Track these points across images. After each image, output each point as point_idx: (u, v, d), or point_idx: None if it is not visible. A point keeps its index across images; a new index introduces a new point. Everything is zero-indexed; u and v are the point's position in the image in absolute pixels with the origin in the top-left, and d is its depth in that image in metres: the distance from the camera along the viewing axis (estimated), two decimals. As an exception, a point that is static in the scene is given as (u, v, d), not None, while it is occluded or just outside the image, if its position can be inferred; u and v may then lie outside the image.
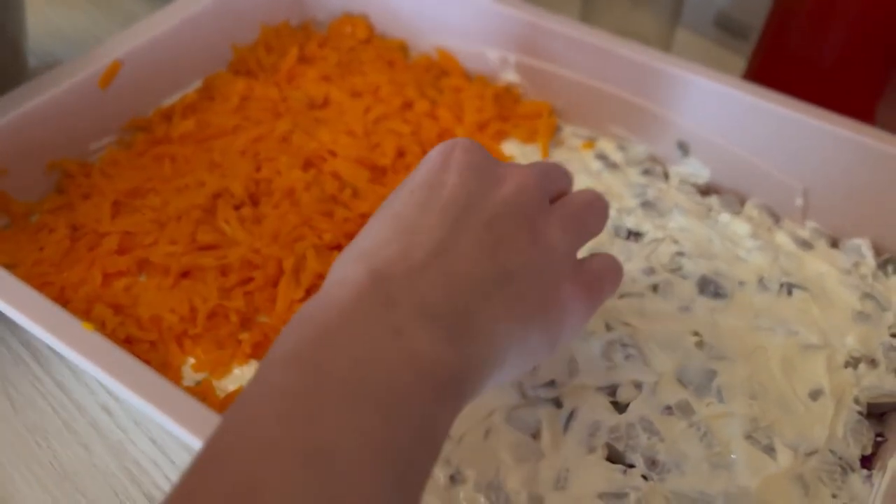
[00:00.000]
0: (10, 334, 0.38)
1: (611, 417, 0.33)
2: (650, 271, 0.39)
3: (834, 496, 0.31)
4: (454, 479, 0.31)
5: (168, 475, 0.33)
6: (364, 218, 0.39)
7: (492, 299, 0.25)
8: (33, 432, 0.35)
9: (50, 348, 0.38)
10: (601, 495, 0.30)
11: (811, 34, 0.43)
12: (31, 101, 0.39)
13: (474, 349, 0.24)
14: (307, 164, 0.42)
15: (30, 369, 0.37)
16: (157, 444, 0.34)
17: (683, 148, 0.44)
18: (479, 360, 0.24)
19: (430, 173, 0.27)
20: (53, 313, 0.30)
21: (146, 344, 0.35)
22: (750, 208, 0.42)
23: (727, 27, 0.55)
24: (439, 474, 0.31)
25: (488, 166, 0.28)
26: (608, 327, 0.36)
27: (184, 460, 0.34)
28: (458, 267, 0.24)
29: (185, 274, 0.37)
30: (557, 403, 0.34)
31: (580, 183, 0.43)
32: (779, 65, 0.46)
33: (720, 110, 0.42)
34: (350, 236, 0.38)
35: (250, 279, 0.37)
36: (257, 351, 0.35)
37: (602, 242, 0.40)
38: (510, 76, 0.48)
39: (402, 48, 0.51)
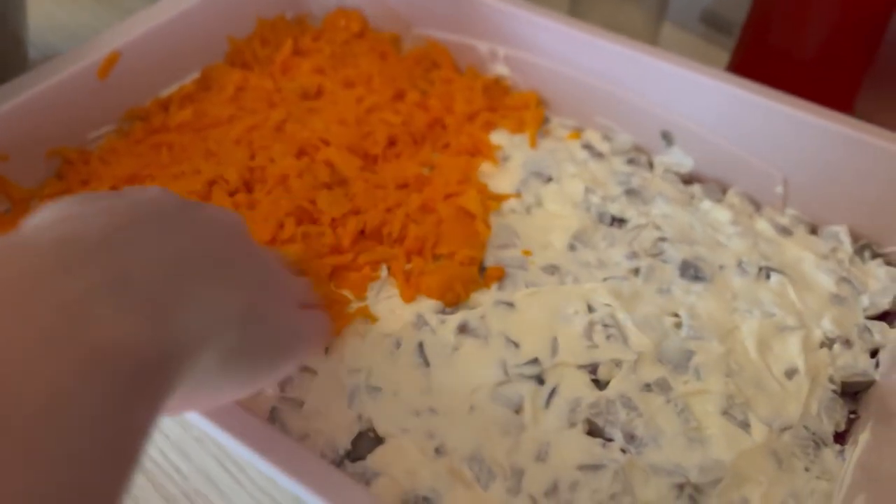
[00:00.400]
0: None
1: (591, 394, 0.34)
2: (633, 255, 0.40)
3: (807, 469, 0.32)
4: (439, 451, 0.32)
5: (163, 450, 0.34)
6: (353, 201, 0.40)
7: (203, 279, 0.22)
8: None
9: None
10: (580, 467, 0.31)
11: (790, 30, 0.44)
12: (31, 90, 0.41)
13: (181, 325, 0.20)
14: (300, 153, 0.43)
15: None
16: (152, 419, 0.35)
17: (667, 138, 0.45)
18: (185, 338, 0.20)
19: None
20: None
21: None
22: (731, 196, 0.44)
23: (713, 23, 0.56)
24: (426, 445, 0.32)
25: None
26: (590, 308, 0.37)
27: (178, 437, 0.35)
28: (161, 246, 0.21)
29: (180, 256, 0.38)
30: (540, 380, 0.35)
31: (566, 172, 0.44)
32: (759, 59, 0.47)
33: (703, 101, 0.43)
34: (339, 221, 0.40)
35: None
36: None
37: (585, 228, 0.41)
38: (500, 68, 0.49)
39: (395, 41, 0.52)
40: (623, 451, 0.32)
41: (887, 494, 0.28)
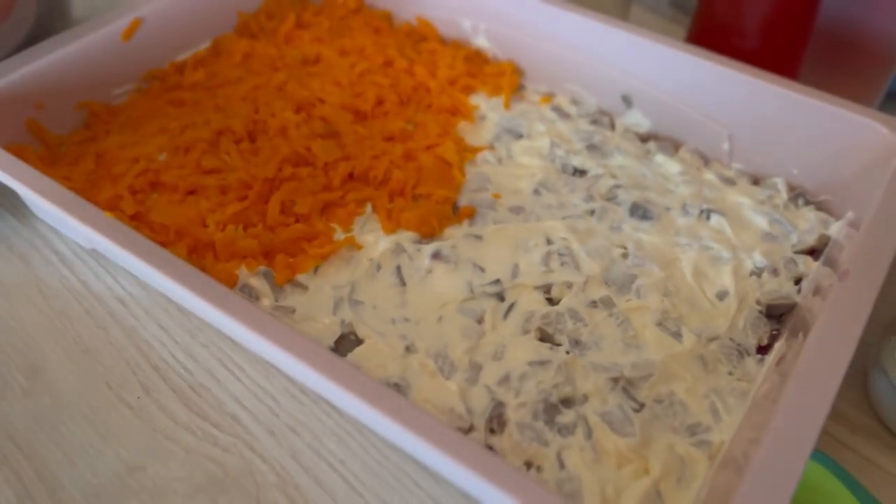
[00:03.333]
0: (41, 244, 0.45)
1: (544, 308, 0.39)
2: (589, 199, 0.45)
3: (730, 373, 0.37)
4: (409, 349, 0.37)
5: (173, 352, 0.40)
6: (343, 149, 0.46)
7: None
8: (60, 317, 0.41)
9: (74, 253, 0.44)
10: (530, 363, 0.36)
11: (734, 7, 0.49)
12: (64, 49, 0.46)
13: None
14: (299, 109, 0.49)
15: (58, 270, 0.43)
16: (164, 328, 0.41)
17: (627, 101, 0.50)
18: None
19: None
20: (80, 204, 0.37)
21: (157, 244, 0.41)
22: (683, 152, 0.49)
23: (681, 6, 0.62)
24: (398, 345, 0.37)
25: None
26: (549, 241, 0.42)
27: (186, 342, 0.40)
28: None
29: (190, 191, 0.43)
30: (500, 298, 0.40)
31: (536, 130, 0.49)
32: (710, 37, 0.52)
33: (660, 67, 0.48)
34: (331, 166, 0.45)
35: (245, 197, 0.43)
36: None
37: (550, 177, 0.46)
38: (482, 42, 0.55)
39: (388, 18, 0.58)
40: (568, 352, 0.37)
41: (781, 382, 0.33)
